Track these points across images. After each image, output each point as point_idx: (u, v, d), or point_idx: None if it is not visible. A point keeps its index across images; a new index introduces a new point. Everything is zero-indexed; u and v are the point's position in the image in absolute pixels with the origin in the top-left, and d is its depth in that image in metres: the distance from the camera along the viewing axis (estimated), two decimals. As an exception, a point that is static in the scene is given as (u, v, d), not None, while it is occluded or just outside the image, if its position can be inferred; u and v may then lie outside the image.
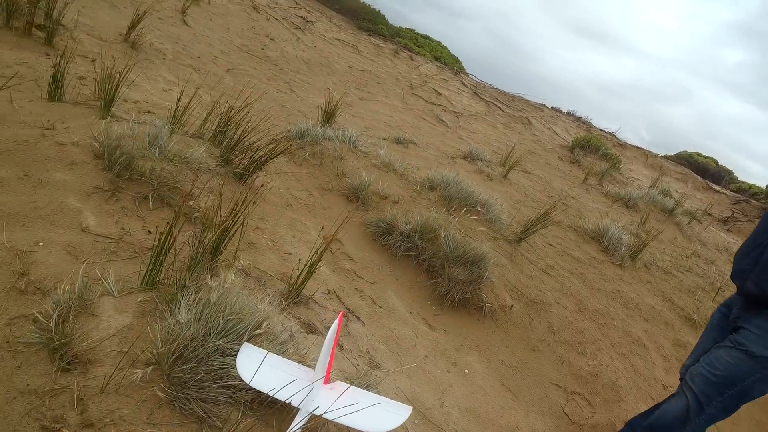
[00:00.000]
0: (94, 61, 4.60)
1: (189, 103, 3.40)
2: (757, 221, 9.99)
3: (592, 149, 10.09)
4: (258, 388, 1.58)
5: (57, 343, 1.54)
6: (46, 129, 2.80)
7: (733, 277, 2.36)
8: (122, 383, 1.51)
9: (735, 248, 7.00)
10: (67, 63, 3.18)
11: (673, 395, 2.40)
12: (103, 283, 1.85)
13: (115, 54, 4.92)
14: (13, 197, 2.18)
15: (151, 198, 2.59)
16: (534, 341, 3.33)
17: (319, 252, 2.36)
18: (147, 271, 1.95)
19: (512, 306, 3.44)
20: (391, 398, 2.15)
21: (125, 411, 1.46)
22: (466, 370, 2.82)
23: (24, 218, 2.09)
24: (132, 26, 5.50)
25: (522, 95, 13.69)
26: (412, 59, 12.78)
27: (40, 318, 1.62)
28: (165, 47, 6.18)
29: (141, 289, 1.92)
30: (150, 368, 1.57)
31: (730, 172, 14.96)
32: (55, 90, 3.19)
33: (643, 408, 3.24)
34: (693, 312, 4.32)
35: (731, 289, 5.11)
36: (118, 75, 3.18)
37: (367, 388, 2.02)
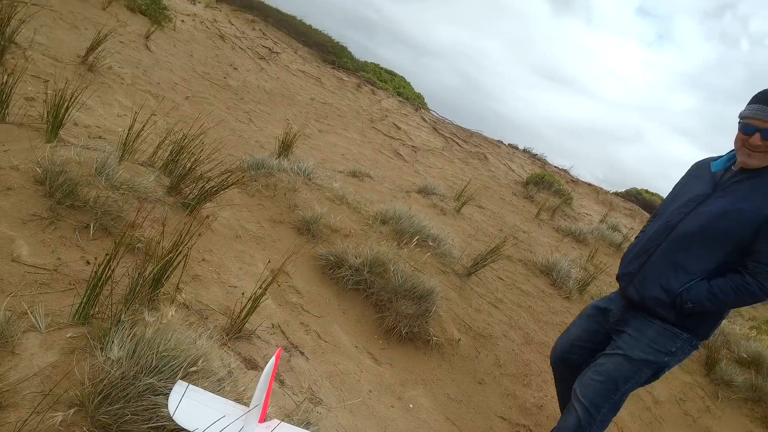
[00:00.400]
0: (47, 82, 4.51)
1: (142, 129, 3.36)
2: None
3: (546, 185, 10.38)
4: (185, 426, 1.54)
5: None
6: (-16, 151, 2.72)
7: (619, 278, 2.46)
8: (39, 428, 1.44)
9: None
10: (15, 82, 3.11)
11: (565, 411, 2.49)
12: (29, 317, 1.78)
13: (71, 76, 4.83)
14: (-58, 224, 2.10)
15: (93, 227, 2.53)
16: (480, 374, 3.36)
17: (264, 285, 2.35)
18: (81, 305, 1.89)
19: (459, 339, 3.47)
20: (330, 436, 2.13)
21: (40, 458, 1.39)
22: (411, 405, 2.82)
23: (-49, 246, 2.01)
24: (91, 48, 5.42)
25: (480, 131, 14.02)
26: (374, 93, 12.98)
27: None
28: (124, 71, 6.11)
29: (72, 323, 1.86)
30: (72, 410, 1.51)
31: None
32: (-1, 109, 3.10)
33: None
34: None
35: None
36: (69, 96, 3.11)
37: (307, 425, 2.00)
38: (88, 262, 2.32)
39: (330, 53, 15.42)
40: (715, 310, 2.21)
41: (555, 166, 14.07)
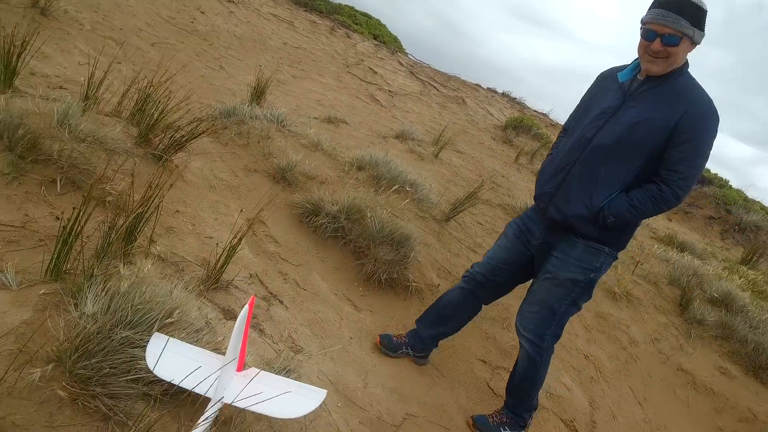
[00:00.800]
0: (-2, 29, 4.27)
1: (104, 77, 3.21)
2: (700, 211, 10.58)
3: (525, 129, 10.36)
4: (162, 377, 1.54)
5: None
6: (-70, 104, 2.57)
7: (537, 199, 2.44)
8: (17, 386, 1.42)
9: (682, 237, 7.37)
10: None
11: (519, 352, 2.57)
12: (-2, 275, 1.74)
13: (21, 21, 4.57)
14: None
15: (60, 182, 2.44)
16: (459, 319, 3.41)
17: (239, 235, 2.32)
18: (52, 261, 1.85)
19: (439, 285, 3.51)
20: (312, 382, 2.16)
21: (19, 416, 1.37)
22: (392, 350, 2.86)
23: None
24: (42, -10, 5.12)
25: (458, 75, 13.82)
26: (349, 37, 12.61)
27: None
28: (82, 16, 5.81)
29: (45, 280, 1.82)
30: (50, 366, 1.49)
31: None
32: (-59, 60, 2.91)
33: (567, 379, 3.42)
34: (614, 285, 4.55)
35: (649, 262, 5.43)
36: (21, 42, 2.94)
37: (287, 372, 2.01)
38: (58, 218, 2.25)
39: (302, -5, 14.84)
40: (634, 221, 2.25)
41: (534, 110, 14.01)
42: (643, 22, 2.09)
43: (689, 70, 2.19)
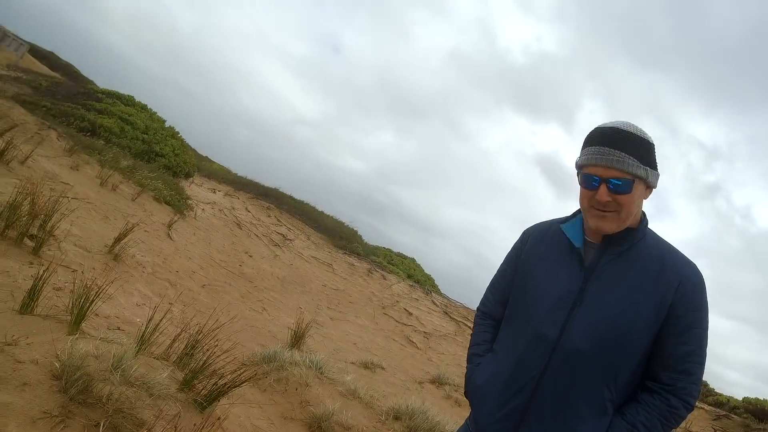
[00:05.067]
0: (75, 271, 4.72)
1: (159, 322, 3.44)
2: None
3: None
4: None
5: None
6: (7, 344, 2.76)
7: (486, 430, 1.65)
8: None
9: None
10: (48, 276, 3.26)
11: None
12: None
13: (97, 266, 5.07)
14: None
15: (103, 426, 2.47)
16: None
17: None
18: None
19: None
20: None
21: None
22: None
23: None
24: (118, 239, 5.77)
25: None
26: (384, 278, 13.28)
27: None
28: (146, 260, 6.41)
29: None
30: None
31: (705, 383, 14.40)
32: (29, 302, 3.21)
33: None
34: None
35: None
36: (95, 289, 3.24)
37: None
38: (93, 467, 2.22)
39: (342, 238, 16.17)
40: None
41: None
42: (579, 165, 1.60)
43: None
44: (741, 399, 12.50)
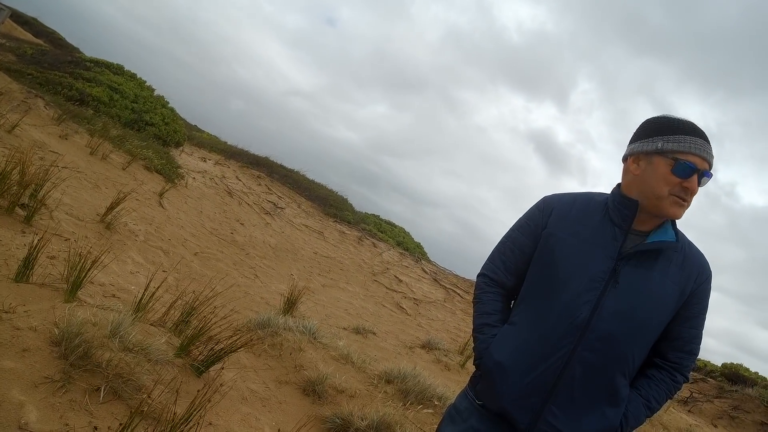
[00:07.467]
0: (68, 240, 4.74)
1: (156, 290, 3.49)
2: (716, 401, 9.90)
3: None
4: None
5: None
6: (5, 312, 2.80)
7: (504, 410, 1.62)
8: None
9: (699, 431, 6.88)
10: (43, 245, 3.29)
11: None
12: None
13: (90, 234, 5.09)
14: (-41, 390, 2.13)
15: (103, 390, 2.54)
16: None
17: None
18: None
19: None
20: None
21: None
22: None
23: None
24: (110, 208, 5.77)
25: (480, 283, 14.18)
26: (375, 246, 13.39)
27: None
28: (138, 228, 6.42)
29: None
30: None
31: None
32: (24, 271, 3.24)
33: None
34: None
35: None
36: (91, 261, 3.27)
37: None
38: (96, 428, 2.30)
39: (332, 206, 16.20)
40: None
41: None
42: (675, 151, 1.55)
43: None
44: (720, 365, 12.89)
